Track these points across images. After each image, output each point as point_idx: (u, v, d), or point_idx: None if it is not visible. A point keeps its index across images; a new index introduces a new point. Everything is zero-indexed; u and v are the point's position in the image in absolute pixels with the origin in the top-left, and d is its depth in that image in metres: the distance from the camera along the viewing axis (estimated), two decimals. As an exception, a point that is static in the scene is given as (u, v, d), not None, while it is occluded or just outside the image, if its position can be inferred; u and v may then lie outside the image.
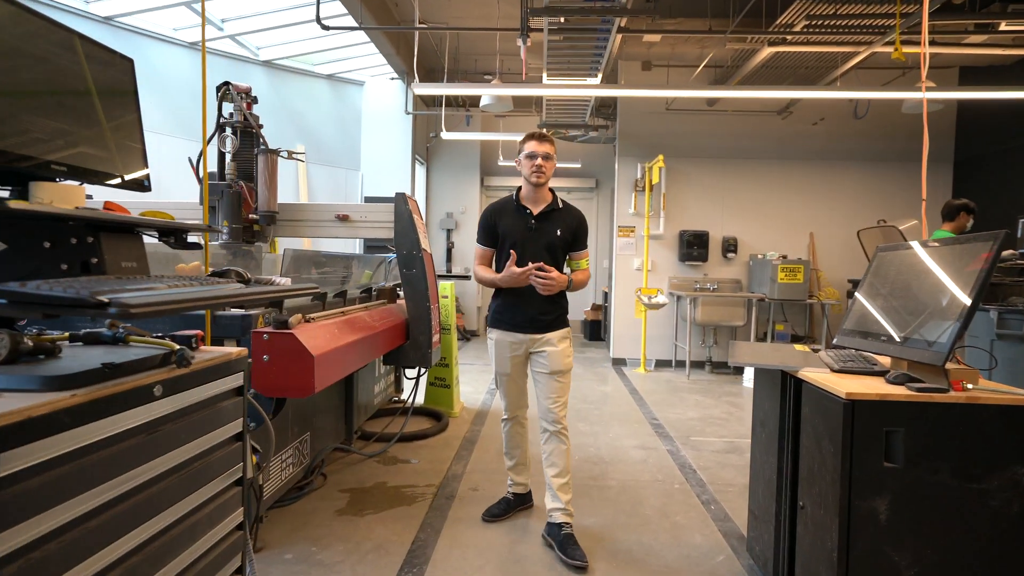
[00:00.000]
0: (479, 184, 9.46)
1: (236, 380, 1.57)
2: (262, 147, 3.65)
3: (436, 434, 4.01)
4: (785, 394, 2.02)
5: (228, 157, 3.64)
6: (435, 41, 7.08)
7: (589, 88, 5.18)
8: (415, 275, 3.66)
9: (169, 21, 6.26)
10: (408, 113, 7.81)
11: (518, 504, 2.81)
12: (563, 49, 4.67)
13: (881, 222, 6.21)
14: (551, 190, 2.68)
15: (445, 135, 7.57)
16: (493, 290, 2.69)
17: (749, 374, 5.83)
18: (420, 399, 4.70)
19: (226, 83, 3.61)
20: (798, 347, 2.31)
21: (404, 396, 4.74)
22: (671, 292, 6.80)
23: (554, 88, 5.09)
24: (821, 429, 1.75)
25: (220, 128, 3.64)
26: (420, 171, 9.08)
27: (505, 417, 2.80)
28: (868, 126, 6.62)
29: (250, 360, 2.09)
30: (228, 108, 3.64)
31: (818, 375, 1.81)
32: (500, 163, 9.24)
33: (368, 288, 3.95)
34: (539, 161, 2.52)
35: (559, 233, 2.59)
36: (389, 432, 3.83)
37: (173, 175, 4.54)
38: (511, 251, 2.51)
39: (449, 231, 9.39)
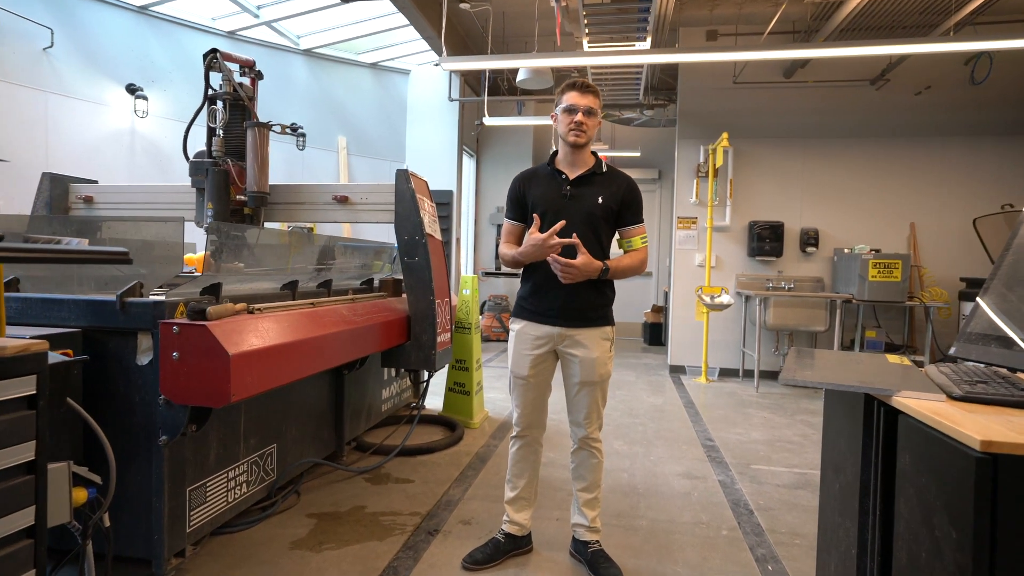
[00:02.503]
0: (531, 176, 8.90)
1: (23, 386, 1.10)
2: (252, 121, 3.28)
3: (445, 448, 3.48)
4: (871, 431, 1.32)
5: (218, 133, 3.30)
6: (481, 22, 6.60)
7: (638, 54, 4.50)
8: (418, 264, 3.16)
9: (206, 11, 6.16)
10: (452, 100, 7.38)
11: (511, 548, 2.23)
12: (602, 8, 4.04)
13: (1007, 207, 5.10)
14: (594, 153, 2.16)
15: (488, 120, 7.08)
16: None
17: (832, 389, 4.90)
18: (439, 406, 4.22)
19: (213, 50, 3.27)
20: (892, 358, 1.60)
21: (425, 402, 4.26)
22: (739, 291, 5.94)
23: (595, 56, 4.44)
24: (933, 496, 1.06)
25: (209, 100, 3.30)
26: (469, 163, 8.64)
27: (515, 434, 2.24)
28: (989, 93, 5.47)
29: (69, 359, 1.64)
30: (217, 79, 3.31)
31: (926, 403, 1.12)
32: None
33: (369, 279, 3.50)
34: (579, 116, 2.03)
35: (600, 201, 2.07)
36: (390, 444, 3.35)
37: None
38: (536, 218, 2.05)
39: (499, 226, 8.90)
